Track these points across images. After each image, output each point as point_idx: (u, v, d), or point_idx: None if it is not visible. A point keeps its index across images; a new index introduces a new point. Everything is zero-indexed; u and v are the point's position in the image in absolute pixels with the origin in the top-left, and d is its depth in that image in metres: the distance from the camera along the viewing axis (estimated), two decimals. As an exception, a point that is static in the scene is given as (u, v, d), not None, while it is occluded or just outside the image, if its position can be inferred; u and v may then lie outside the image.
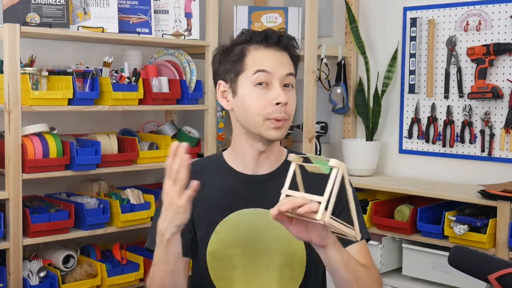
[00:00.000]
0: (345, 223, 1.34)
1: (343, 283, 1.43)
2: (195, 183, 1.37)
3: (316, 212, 1.25)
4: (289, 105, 1.53)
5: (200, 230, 1.59)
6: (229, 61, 1.57)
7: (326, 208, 1.25)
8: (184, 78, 3.01)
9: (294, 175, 1.35)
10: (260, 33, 1.56)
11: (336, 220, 1.30)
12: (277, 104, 1.51)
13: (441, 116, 2.99)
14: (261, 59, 1.54)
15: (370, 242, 2.76)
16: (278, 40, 1.56)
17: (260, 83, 1.52)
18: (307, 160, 1.34)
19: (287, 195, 1.32)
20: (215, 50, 1.64)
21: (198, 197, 1.42)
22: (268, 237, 1.56)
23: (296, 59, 1.61)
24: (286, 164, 1.62)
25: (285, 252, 1.56)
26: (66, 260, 2.68)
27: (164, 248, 1.43)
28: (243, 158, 1.60)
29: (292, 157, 1.35)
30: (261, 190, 1.59)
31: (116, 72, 2.80)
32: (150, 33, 2.90)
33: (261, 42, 1.55)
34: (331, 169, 1.27)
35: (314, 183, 1.36)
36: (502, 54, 2.76)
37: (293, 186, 1.34)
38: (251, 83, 1.53)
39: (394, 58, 3.10)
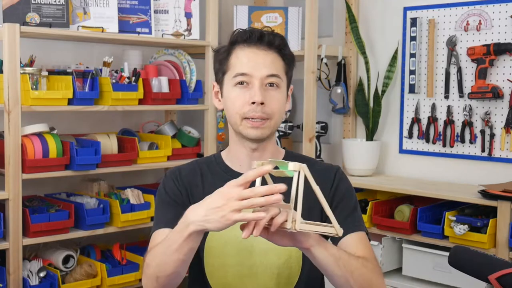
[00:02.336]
0: (320, 223, 1.31)
1: (337, 280, 1.41)
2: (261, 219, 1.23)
3: (286, 221, 1.23)
4: (269, 105, 1.52)
5: None
6: (217, 61, 1.59)
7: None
8: (184, 78, 3.01)
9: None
10: (244, 32, 1.56)
11: (309, 223, 1.27)
12: (253, 103, 1.51)
13: (441, 116, 2.99)
14: (242, 60, 1.53)
15: (370, 242, 2.76)
16: (260, 38, 1.54)
17: (240, 83, 1.53)
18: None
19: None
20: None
21: (197, 197, 1.39)
22: None
23: (287, 58, 1.58)
24: None
25: (282, 251, 1.55)
26: (66, 260, 2.68)
27: (181, 239, 1.32)
28: (238, 157, 1.61)
29: (255, 164, 1.29)
30: None
31: (116, 72, 2.80)
32: (150, 33, 2.90)
33: (244, 41, 1.55)
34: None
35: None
36: (502, 54, 2.76)
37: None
38: (232, 84, 1.54)
39: (394, 58, 3.10)
